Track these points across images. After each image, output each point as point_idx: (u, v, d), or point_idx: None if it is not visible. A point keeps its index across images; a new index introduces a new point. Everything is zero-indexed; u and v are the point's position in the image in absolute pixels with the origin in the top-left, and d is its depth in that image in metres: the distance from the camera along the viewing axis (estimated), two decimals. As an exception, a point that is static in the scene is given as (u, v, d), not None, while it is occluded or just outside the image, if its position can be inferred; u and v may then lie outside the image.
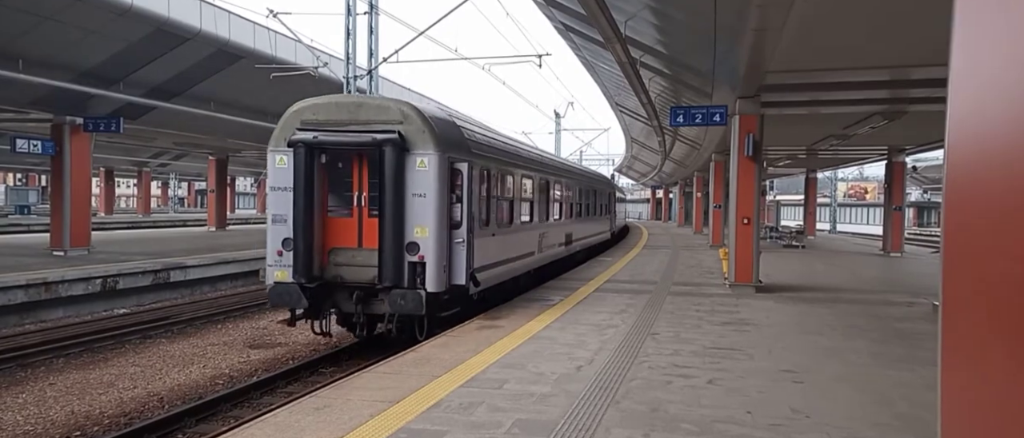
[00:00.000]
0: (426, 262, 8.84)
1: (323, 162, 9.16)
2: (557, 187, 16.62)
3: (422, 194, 8.85)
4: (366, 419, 5.22)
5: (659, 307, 11.10)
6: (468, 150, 9.87)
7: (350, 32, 17.15)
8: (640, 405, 5.69)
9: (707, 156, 27.53)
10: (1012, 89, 1.03)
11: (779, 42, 9.47)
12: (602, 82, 21.91)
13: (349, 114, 9.09)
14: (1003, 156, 1.06)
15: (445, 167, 9.05)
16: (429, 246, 8.85)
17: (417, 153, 8.88)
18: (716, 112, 13.71)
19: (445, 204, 9.05)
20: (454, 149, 9.37)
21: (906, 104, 14.17)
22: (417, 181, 8.86)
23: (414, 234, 8.86)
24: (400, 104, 9.37)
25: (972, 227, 1.18)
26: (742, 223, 13.34)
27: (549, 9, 14.11)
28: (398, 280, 8.79)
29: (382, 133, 8.81)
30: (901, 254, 24.42)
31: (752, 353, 7.77)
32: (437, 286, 8.90)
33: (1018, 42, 1.01)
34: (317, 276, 9.07)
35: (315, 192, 8.99)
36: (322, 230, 9.19)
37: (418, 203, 8.86)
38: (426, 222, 8.85)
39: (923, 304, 11.78)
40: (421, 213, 8.85)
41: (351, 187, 9.31)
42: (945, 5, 1.25)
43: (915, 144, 24.13)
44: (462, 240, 9.33)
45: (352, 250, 9.24)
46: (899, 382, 6.61)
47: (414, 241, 8.86)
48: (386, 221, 8.75)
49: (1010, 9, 1.05)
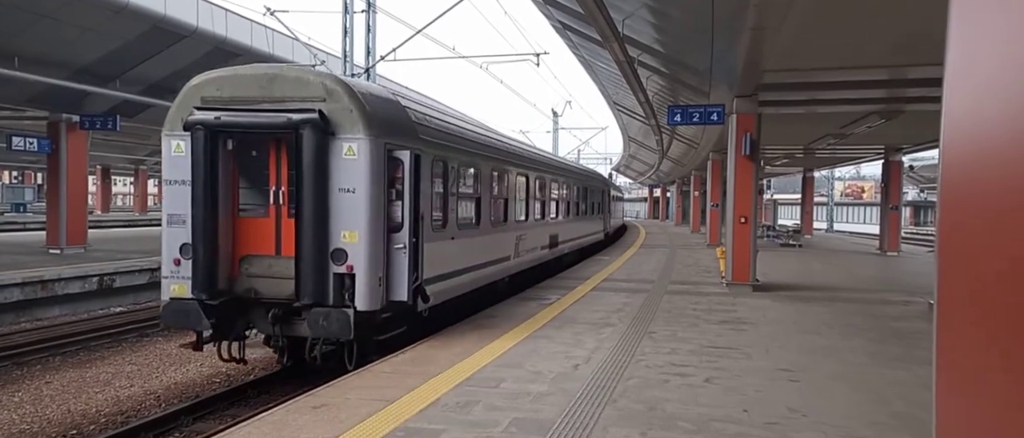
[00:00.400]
0: (356, 273, 7.26)
1: (231, 149, 7.59)
2: (540, 184, 15.17)
3: (350, 189, 7.27)
4: (363, 418, 5.22)
5: (656, 306, 11.10)
6: (414, 136, 8.27)
7: (347, 30, 17.13)
8: (637, 404, 5.69)
9: (705, 155, 27.56)
10: (1008, 89, 1.03)
11: (776, 41, 9.48)
12: (600, 81, 21.91)
13: (261, 89, 7.49)
14: (998, 156, 1.06)
15: (380, 155, 7.46)
16: (360, 254, 7.27)
17: (344, 137, 7.29)
18: (713, 111, 13.72)
19: (380, 202, 7.49)
20: (394, 134, 7.81)
21: (903, 103, 14.20)
22: (344, 172, 7.29)
23: (341, 239, 7.28)
24: (324, 77, 7.74)
25: (967, 226, 1.18)
26: (739, 222, 13.35)
27: (547, 8, 14.10)
28: (320, 296, 7.23)
29: (299, 112, 7.20)
30: (898, 253, 24.48)
31: (749, 352, 7.78)
32: (370, 303, 7.32)
33: (1014, 42, 1.01)
34: (224, 290, 7.53)
35: (220, 186, 7.45)
36: (231, 233, 7.65)
37: (346, 200, 7.28)
38: (356, 224, 7.27)
39: (919, 303, 11.81)
40: (349, 213, 7.28)
41: (268, 180, 7.73)
42: (942, 4, 1.25)
43: (912, 143, 24.19)
44: (403, 246, 7.70)
45: (269, 258, 7.65)
46: (896, 381, 6.63)
47: (341, 248, 7.28)
48: (304, 223, 7.18)
49: (1007, 9, 1.05)
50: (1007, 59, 1.03)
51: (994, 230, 1.07)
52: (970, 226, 1.17)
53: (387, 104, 8.20)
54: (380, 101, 8.00)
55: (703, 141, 23.95)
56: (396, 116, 8.18)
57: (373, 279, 7.40)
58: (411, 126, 8.37)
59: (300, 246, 7.24)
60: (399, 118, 8.23)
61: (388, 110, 8.06)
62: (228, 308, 7.60)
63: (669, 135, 25.32)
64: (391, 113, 8.09)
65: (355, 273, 7.29)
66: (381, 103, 7.98)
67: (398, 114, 8.28)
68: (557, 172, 17.64)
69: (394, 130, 7.88)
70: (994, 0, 1.11)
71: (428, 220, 8.46)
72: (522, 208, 13.70)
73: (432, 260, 8.57)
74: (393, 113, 8.15)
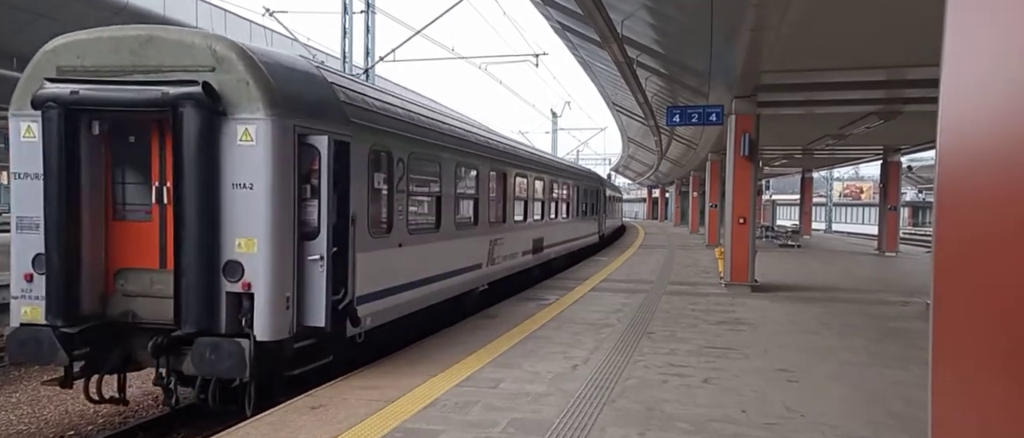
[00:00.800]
0: (255, 293, 5.77)
1: (100, 133, 6.04)
2: (522, 182, 13.66)
3: (247, 184, 5.79)
4: (362, 418, 5.22)
5: (655, 307, 11.11)
6: (341, 118, 6.72)
7: (347, 31, 17.14)
8: (636, 404, 5.70)
9: (703, 156, 27.58)
10: (1003, 92, 1.04)
11: (775, 42, 9.49)
12: (599, 81, 21.91)
13: (132, 55, 5.95)
14: (994, 157, 1.07)
15: (288, 141, 5.94)
16: (260, 267, 5.77)
17: (239, 118, 5.78)
18: (712, 112, 13.74)
19: (288, 201, 5.96)
20: (310, 114, 6.26)
21: (902, 104, 14.23)
22: (239, 163, 5.79)
23: (235, 249, 5.80)
24: (213, 40, 6.01)
25: (963, 227, 1.18)
26: (738, 223, 13.37)
27: (546, 8, 14.10)
28: (208, 322, 5.77)
29: (179, 84, 5.71)
30: (896, 254, 24.52)
31: (747, 352, 7.78)
32: (274, 331, 5.81)
33: (1008, 45, 1.02)
34: (91, 314, 6.05)
35: (84, 181, 5.97)
36: (103, 241, 6.16)
37: (241, 199, 5.80)
38: (254, 229, 5.78)
39: (917, 303, 11.83)
40: (246, 215, 5.80)
41: (150, 174, 6.18)
42: (940, 7, 1.26)
43: (911, 144, 24.23)
44: (320, 257, 6.13)
45: (151, 273, 6.14)
46: (893, 381, 6.64)
47: (235, 260, 5.79)
48: (186, 228, 5.73)
49: (1000, 11, 1.06)
50: (1001, 62, 1.04)
51: (990, 230, 1.08)
52: (966, 226, 1.18)
53: (301, 77, 6.55)
54: (290, 73, 6.37)
55: (702, 142, 23.97)
56: (314, 93, 6.58)
57: (277, 300, 5.84)
58: (337, 106, 6.76)
59: (180, 258, 5.75)
60: (318, 95, 6.62)
61: (301, 84, 6.46)
62: (99, 335, 6.07)
63: (668, 136, 25.34)
64: (306, 88, 6.49)
65: (254, 292, 5.78)
66: (291, 75, 6.37)
67: (317, 90, 6.65)
68: (543, 169, 15.95)
69: (309, 110, 6.30)
70: (988, 2, 1.12)
71: (363, 224, 6.99)
72: (498, 209, 12.17)
73: (370, 273, 7.12)
74: (309, 88, 6.55)
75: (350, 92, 7.26)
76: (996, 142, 1.05)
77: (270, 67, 6.03)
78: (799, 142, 23.50)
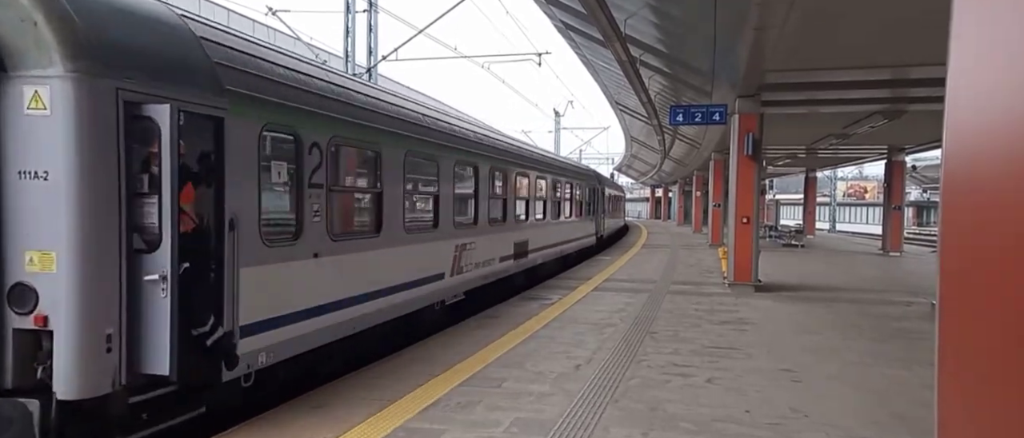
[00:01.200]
0: (54, 329, 4.13)
1: None
2: (499, 177, 11.98)
3: (39, 173, 4.13)
4: (364, 417, 5.21)
5: (658, 306, 11.09)
6: (208, 83, 4.97)
7: (349, 30, 17.14)
8: (639, 404, 5.68)
9: (707, 155, 27.54)
10: (1009, 90, 1.03)
11: (779, 41, 9.46)
12: (602, 81, 21.90)
13: None
14: (1001, 156, 1.06)
15: (105, 111, 4.22)
16: (62, 293, 4.13)
17: (24, 75, 4.10)
18: (716, 111, 13.72)
19: (110, 197, 4.27)
20: (147, 74, 4.48)
21: (906, 103, 14.18)
22: (27, 142, 4.14)
23: (24, 266, 4.17)
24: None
25: (969, 226, 1.17)
26: (741, 222, 13.34)
27: (549, 7, 14.10)
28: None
29: None
30: (900, 253, 24.44)
31: (751, 352, 7.76)
32: (85, 384, 4.14)
33: (1015, 43, 1.00)
34: None
35: None
36: None
37: (31, 194, 4.14)
38: (53, 239, 4.14)
39: (922, 303, 11.78)
40: (40, 218, 4.15)
41: None
42: (945, 5, 1.25)
43: (915, 143, 24.16)
44: (162, 277, 4.40)
45: None
46: (898, 381, 6.61)
47: (25, 282, 4.17)
48: None
49: (1007, 9, 1.04)
50: (1008, 60, 1.03)
51: (996, 229, 1.06)
52: (972, 225, 1.16)
53: (135, 21, 4.67)
54: (115, 13, 4.53)
55: (705, 141, 23.93)
56: (160, 45, 4.75)
57: (90, 339, 4.16)
58: (202, 67, 4.96)
59: None
60: (167, 49, 4.79)
61: (134, 30, 4.62)
62: None
63: (671, 135, 25.31)
64: (143, 37, 4.66)
65: (53, 329, 4.12)
66: (117, 17, 4.52)
67: (165, 42, 4.82)
68: (527, 164, 14.04)
69: (147, 67, 4.51)
70: (994, 2, 1.10)
71: (250, 230, 5.30)
72: (469, 209, 10.58)
73: (264, 294, 5.46)
74: (150, 38, 4.71)
75: (231, 51, 5.38)
76: (1004, 138, 1.04)
77: (77, 4, 4.18)
78: (803, 141, 23.45)
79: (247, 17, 18.93)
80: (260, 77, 5.58)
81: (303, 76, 6.29)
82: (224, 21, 17.95)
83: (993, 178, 1.08)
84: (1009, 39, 1.03)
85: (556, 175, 17.07)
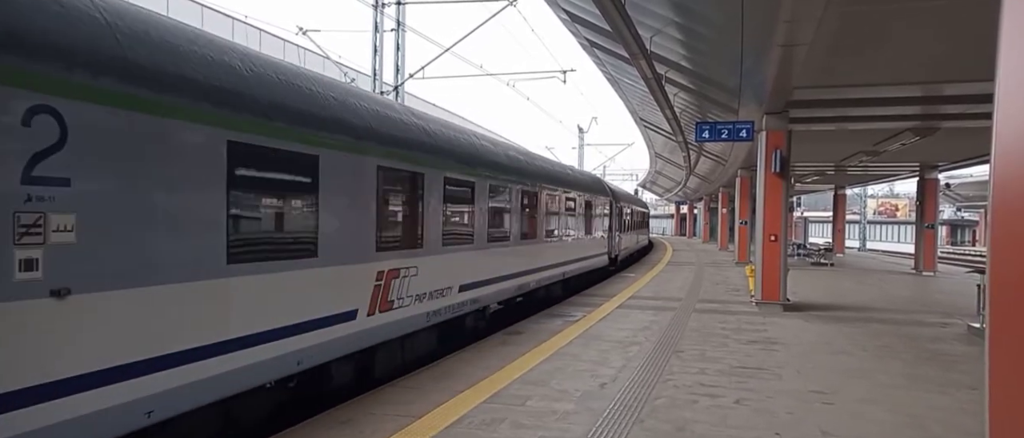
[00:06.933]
0: None
1: None
2: (481, 188, 9.84)
3: None
4: (389, 433, 5.21)
5: (684, 325, 10.95)
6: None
7: (377, 49, 17.39)
8: (665, 424, 5.60)
9: (733, 172, 27.26)
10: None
11: (807, 58, 9.37)
12: (626, 97, 21.87)
13: None
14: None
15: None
16: None
17: None
18: (743, 128, 13.59)
19: None
20: None
21: (939, 120, 13.90)
22: None
23: None
24: None
25: (1022, 239, 1.13)
26: (769, 240, 13.15)
27: (574, 25, 14.15)
28: None
29: None
30: (934, 273, 23.87)
31: (780, 373, 7.61)
32: None
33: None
34: None
35: None
36: None
37: None
38: None
39: (957, 325, 11.46)
40: None
41: None
42: (980, 21, 1.22)
43: (948, 161, 23.63)
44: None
45: None
46: (933, 405, 6.42)
47: None
48: None
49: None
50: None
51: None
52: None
53: None
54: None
55: (731, 158, 23.70)
56: None
57: None
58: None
59: None
60: None
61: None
62: None
63: (696, 151, 25.13)
64: None
65: None
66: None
67: None
68: (508, 173, 11.37)
69: None
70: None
71: None
72: (404, 224, 7.81)
73: None
74: None
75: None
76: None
77: None
78: (832, 158, 23.10)
79: (278, 37, 19.33)
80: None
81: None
82: (256, 41, 18.34)
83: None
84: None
85: (554, 187, 14.29)
